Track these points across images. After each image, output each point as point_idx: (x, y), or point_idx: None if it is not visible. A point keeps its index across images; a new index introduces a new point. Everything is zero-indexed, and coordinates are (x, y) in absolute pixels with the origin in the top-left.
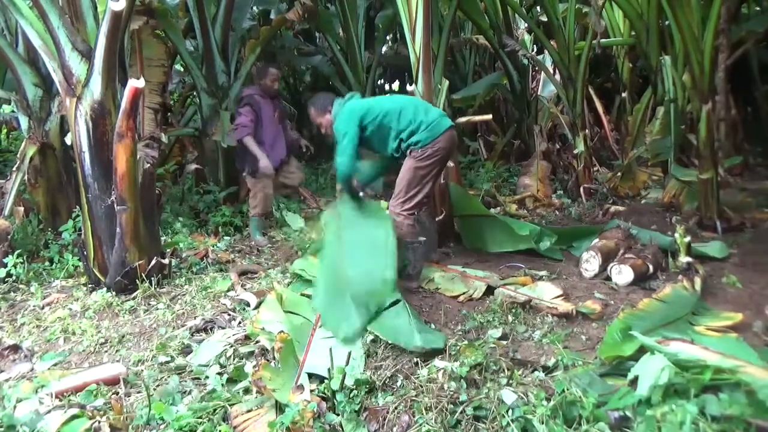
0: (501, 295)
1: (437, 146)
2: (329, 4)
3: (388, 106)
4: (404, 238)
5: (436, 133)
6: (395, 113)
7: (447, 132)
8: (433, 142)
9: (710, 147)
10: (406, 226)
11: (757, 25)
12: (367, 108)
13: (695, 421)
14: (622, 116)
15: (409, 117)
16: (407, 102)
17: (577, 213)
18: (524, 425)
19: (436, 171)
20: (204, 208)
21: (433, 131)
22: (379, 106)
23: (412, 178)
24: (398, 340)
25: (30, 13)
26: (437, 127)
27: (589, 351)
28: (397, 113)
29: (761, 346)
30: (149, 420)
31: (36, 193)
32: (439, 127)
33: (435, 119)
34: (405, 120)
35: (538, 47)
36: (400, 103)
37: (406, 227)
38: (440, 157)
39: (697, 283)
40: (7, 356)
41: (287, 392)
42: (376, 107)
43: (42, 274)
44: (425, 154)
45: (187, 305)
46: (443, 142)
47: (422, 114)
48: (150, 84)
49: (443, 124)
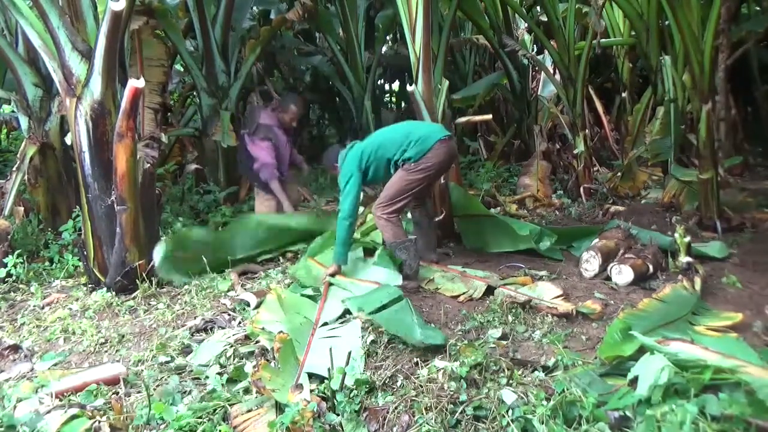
0: (501, 295)
1: (430, 161)
2: (329, 4)
3: (380, 139)
4: (394, 239)
5: (425, 147)
6: (388, 143)
7: (438, 144)
8: (423, 157)
9: (710, 147)
10: (391, 227)
11: (757, 25)
12: (362, 149)
13: (695, 421)
14: (622, 116)
15: (399, 141)
16: (399, 129)
17: (577, 213)
18: (524, 425)
19: (427, 182)
20: (204, 208)
21: (422, 146)
22: (372, 143)
23: (401, 188)
24: (399, 332)
25: (30, 13)
26: (426, 141)
27: (589, 351)
28: (389, 142)
29: (761, 346)
30: (149, 420)
31: (36, 193)
32: (428, 140)
33: (424, 134)
34: (396, 145)
35: (538, 47)
36: (392, 132)
37: (391, 229)
38: (435, 172)
39: (697, 283)
40: (7, 356)
41: (287, 392)
42: (369, 146)
43: (42, 274)
44: (418, 168)
45: (187, 305)
46: (435, 157)
47: (413, 134)
48: (150, 84)
49: (433, 137)
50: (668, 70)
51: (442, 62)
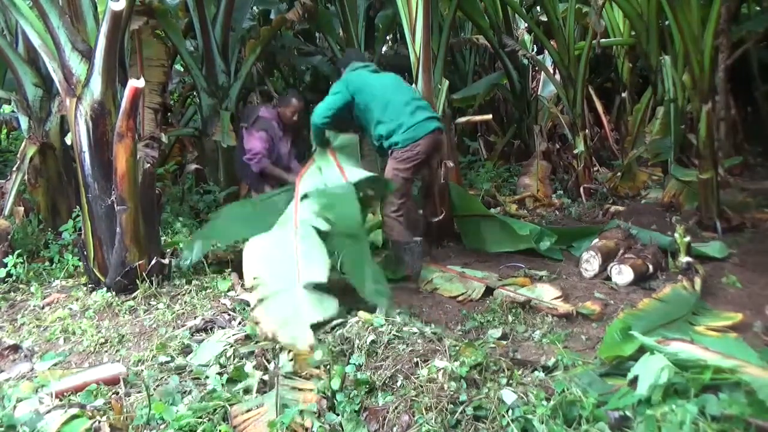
0: (501, 295)
1: (416, 149)
2: (329, 4)
3: (380, 92)
4: (398, 238)
5: (415, 136)
6: (382, 103)
7: (429, 135)
8: (412, 145)
9: (710, 147)
10: (397, 226)
11: (757, 25)
12: (362, 85)
13: (695, 421)
14: (622, 116)
15: (392, 114)
16: (399, 95)
17: (577, 213)
18: (524, 425)
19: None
20: (204, 208)
21: (414, 134)
22: (371, 89)
23: (396, 181)
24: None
25: (30, 13)
26: (418, 129)
27: (589, 351)
28: (384, 103)
29: (761, 346)
30: (149, 420)
31: (36, 193)
32: (420, 130)
33: (417, 122)
34: (387, 115)
35: (538, 47)
36: (391, 95)
37: (396, 228)
38: (420, 161)
39: (697, 283)
40: (7, 356)
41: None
42: (368, 90)
43: (42, 274)
44: (404, 156)
45: (187, 305)
46: (423, 146)
47: (406, 115)
48: (150, 84)
49: (426, 127)
50: (668, 70)
51: (442, 62)
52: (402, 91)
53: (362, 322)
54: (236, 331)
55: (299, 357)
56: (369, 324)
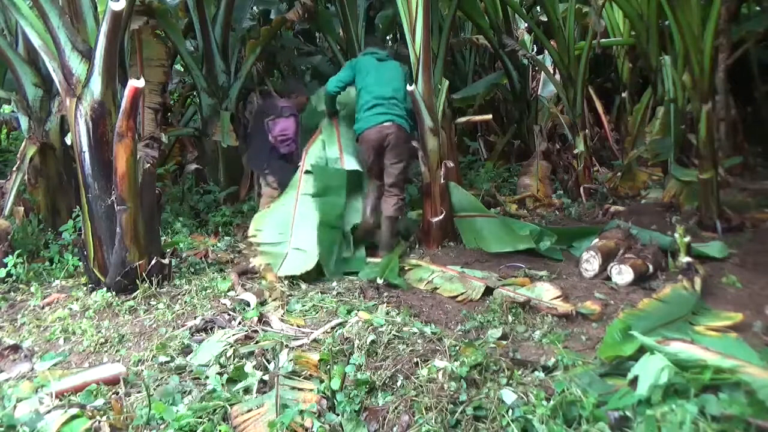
0: (501, 295)
1: (363, 139)
2: (329, 4)
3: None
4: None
5: (362, 126)
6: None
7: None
8: (360, 135)
9: (710, 147)
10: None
11: (757, 25)
12: (362, 69)
13: (695, 421)
14: (622, 116)
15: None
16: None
17: (577, 213)
18: (524, 425)
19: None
20: (204, 208)
21: (361, 124)
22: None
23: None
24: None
25: (30, 13)
26: (366, 121)
27: (589, 351)
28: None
29: (761, 346)
30: (149, 420)
31: (36, 193)
32: (367, 121)
33: (368, 116)
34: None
35: (538, 47)
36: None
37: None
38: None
39: (697, 283)
40: (7, 356)
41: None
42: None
43: (42, 274)
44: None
45: (187, 305)
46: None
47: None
48: (150, 84)
49: (373, 120)
50: (668, 70)
51: (442, 62)
52: (383, 87)
53: (362, 322)
54: (236, 331)
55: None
56: (369, 324)
